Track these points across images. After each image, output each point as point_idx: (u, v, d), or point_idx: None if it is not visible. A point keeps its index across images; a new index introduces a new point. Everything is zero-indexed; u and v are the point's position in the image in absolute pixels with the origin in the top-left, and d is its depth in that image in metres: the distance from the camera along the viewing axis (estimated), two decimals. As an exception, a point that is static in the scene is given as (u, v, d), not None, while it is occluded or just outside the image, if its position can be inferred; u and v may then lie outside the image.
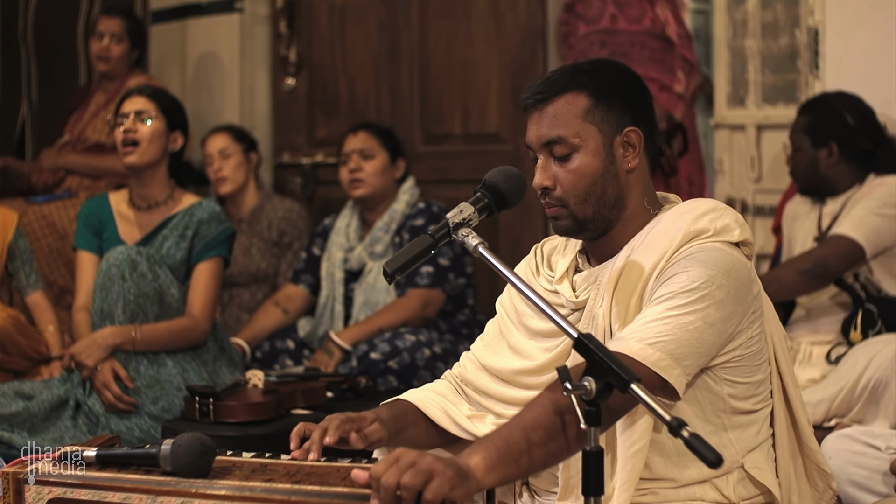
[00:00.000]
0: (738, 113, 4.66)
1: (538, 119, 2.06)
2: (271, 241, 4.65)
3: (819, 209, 3.80)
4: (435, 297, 4.12)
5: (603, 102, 2.04)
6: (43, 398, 3.44)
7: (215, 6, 5.48)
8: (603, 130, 2.04)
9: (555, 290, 2.11)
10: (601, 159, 2.04)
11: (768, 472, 2.06)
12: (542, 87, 2.06)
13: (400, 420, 2.10)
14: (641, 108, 2.08)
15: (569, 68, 2.10)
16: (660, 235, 2.00)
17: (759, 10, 4.60)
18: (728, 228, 1.99)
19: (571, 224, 2.06)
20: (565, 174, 2.04)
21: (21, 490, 1.87)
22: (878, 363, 3.25)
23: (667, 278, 1.94)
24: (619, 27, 4.64)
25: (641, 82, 2.12)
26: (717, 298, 1.92)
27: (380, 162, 4.26)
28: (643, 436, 1.92)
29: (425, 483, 1.65)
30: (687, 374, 1.89)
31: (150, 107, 3.60)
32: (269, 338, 4.28)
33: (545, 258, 2.20)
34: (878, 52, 3.95)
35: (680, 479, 1.99)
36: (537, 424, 1.80)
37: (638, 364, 1.84)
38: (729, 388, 2.00)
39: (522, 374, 2.12)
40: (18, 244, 3.91)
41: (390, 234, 4.23)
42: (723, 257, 1.95)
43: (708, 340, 1.91)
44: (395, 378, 3.94)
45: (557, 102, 2.04)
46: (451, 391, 2.21)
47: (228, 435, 3.16)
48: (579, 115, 2.03)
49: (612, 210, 2.06)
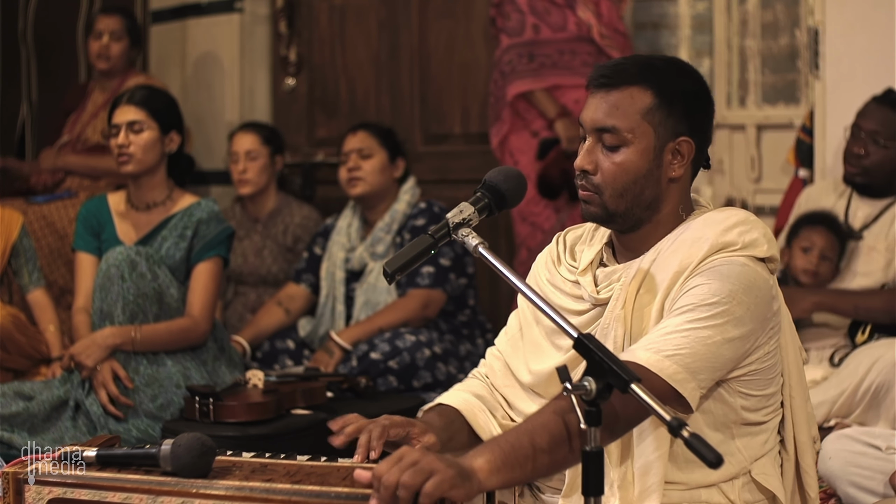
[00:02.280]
0: (739, 113, 4.66)
1: (597, 103, 2.04)
2: (285, 246, 4.63)
3: (846, 205, 3.74)
4: (436, 297, 4.12)
5: (666, 105, 2.01)
6: (43, 398, 3.44)
7: (215, 6, 5.48)
8: (658, 133, 2.02)
9: (576, 281, 2.10)
10: (648, 160, 2.02)
11: (774, 478, 2.06)
12: (610, 73, 2.03)
13: (450, 429, 2.09)
14: (700, 119, 2.06)
15: (641, 59, 2.08)
16: (686, 243, 1.99)
17: (759, 10, 4.60)
18: (756, 243, 1.98)
19: (601, 212, 2.05)
20: (609, 164, 2.02)
21: (21, 490, 1.87)
22: (881, 367, 3.24)
23: (689, 288, 1.93)
24: (543, 37, 4.41)
25: (708, 92, 2.09)
26: (737, 315, 1.91)
27: (378, 161, 4.26)
28: (665, 441, 1.93)
29: (425, 481, 1.65)
30: (701, 388, 1.89)
31: (141, 115, 3.58)
32: (270, 338, 4.28)
33: (568, 248, 2.18)
34: (878, 52, 3.95)
35: (687, 483, 1.99)
36: (544, 430, 1.79)
37: (653, 375, 1.84)
38: (742, 400, 2.00)
39: (539, 386, 2.10)
40: (23, 243, 3.93)
41: (392, 234, 4.23)
42: (746, 273, 1.94)
43: (724, 355, 1.91)
44: (394, 378, 3.94)
45: (622, 92, 2.02)
46: (488, 392, 2.19)
47: (228, 435, 3.16)
48: (639, 112, 2.01)
49: (646, 211, 2.04)
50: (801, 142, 4.28)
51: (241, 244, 4.65)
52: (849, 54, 4.06)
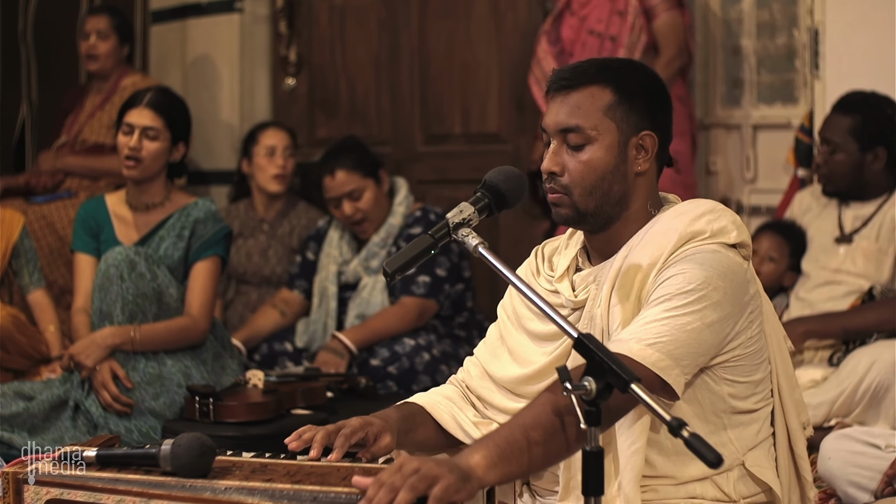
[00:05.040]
0: (733, 113, 4.66)
1: (559, 105, 2.06)
2: (290, 247, 4.61)
3: (838, 208, 3.75)
4: (429, 307, 4.11)
5: (626, 101, 2.04)
6: (43, 398, 3.44)
7: (215, 6, 5.48)
8: (621, 129, 2.05)
9: (555, 290, 2.12)
10: (613, 156, 2.04)
11: (769, 470, 2.06)
12: (569, 75, 2.07)
13: (409, 421, 2.11)
14: (661, 115, 2.09)
15: (598, 62, 2.11)
16: (657, 235, 2.01)
17: (754, 9, 4.60)
18: (725, 230, 2.00)
19: (571, 213, 2.07)
20: (575, 164, 2.05)
21: (21, 490, 1.87)
22: (880, 367, 3.24)
23: (664, 280, 1.95)
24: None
25: (665, 90, 2.12)
26: (714, 300, 1.93)
27: (370, 193, 4.17)
28: (641, 435, 1.93)
29: (429, 488, 1.66)
30: (685, 374, 1.90)
31: (158, 123, 3.57)
32: (268, 340, 4.27)
33: (546, 259, 2.20)
34: (879, 52, 3.95)
35: (680, 477, 1.99)
36: (537, 423, 1.81)
37: (637, 364, 1.84)
38: (729, 387, 2.01)
39: (522, 383, 2.12)
40: (24, 243, 3.94)
41: (387, 248, 4.18)
42: (719, 259, 1.96)
43: (706, 340, 1.92)
44: (394, 383, 3.94)
45: (582, 92, 2.05)
46: (459, 396, 2.22)
47: (228, 435, 3.16)
48: (601, 109, 2.04)
49: (615, 208, 2.06)
50: (800, 142, 4.28)
51: (247, 243, 4.64)
52: (849, 54, 4.05)
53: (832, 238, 3.71)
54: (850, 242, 3.66)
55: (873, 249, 3.61)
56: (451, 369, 4.06)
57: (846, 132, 3.65)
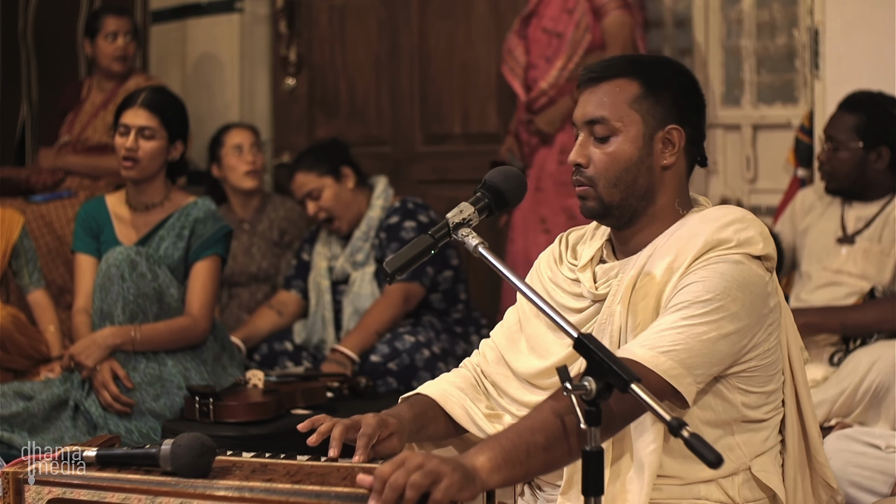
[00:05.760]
0: (733, 113, 4.66)
1: (587, 98, 2.08)
2: (272, 240, 4.65)
3: (841, 209, 3.75)
4: (414, 290, 4.11)
5: (653, 94, 2.05)
6: (43, 398, 3.44)
7: (215, 6, 5.48)
8: (646, 121, 2.05)
9: (576, 279, 2.12)
10: (638, 148, 2.05)
11: (775, 476, 2.06)
12: (598, 69, 2.09)
13: (421, 419, 2.12)
14: (690, 110, 2.10)
15: (629, 56, 2.16)
16: (682, 239, 2.00)
17: (754, 9, 4.60)
18: (751, 241, 1.99)
19: (597, 206, 2.07)
20: (600, 155, 2.06)
21: (21, 490, 1.87)
22: (880, 367, 3.24)
23: (684, 286, 1.95)
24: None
25: (697, 86, 2.12)
26: (732, 311, 1.92)
27: (330, 191, 4.21)
28: (658, 436, 1.94)
29: (432, 484, 1.66)
30: (698, 384, 1.90)
31: (154, 123, 3.56)
32: (268, 340, 4.27)
33: (570, 247, 2.20)
34: (879, 52, 3.94)
35: (686, 478, 1.99)
36: (541, 428, 1.81)
37: (649, 372, 1.85)
38: (742, 396, 2.01)
39: (542, 376, 2.12)
40: (23, 243, 3.94)
41: (369, 241, 4.21)
42: (741, 270, 1.95)
43: (721, 351, 1.92)
44: (394, 380, 3.94)
45: (609, 85, 2.06)
46: (470, 385, 2.21)
47: (228, 435, 3.16)
48: (626, 101, 2.05)
49: (641, 201, 2.07)
50: (800, 142, 4.28)
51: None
52: (849, 54, 4.05)
53: (834, 238, 3.71)
54: (853, 243, 3.65)
55: (875, 251, 3.60)
56: (450, 367, 4.06)
57: (850, 130, 3.64)
